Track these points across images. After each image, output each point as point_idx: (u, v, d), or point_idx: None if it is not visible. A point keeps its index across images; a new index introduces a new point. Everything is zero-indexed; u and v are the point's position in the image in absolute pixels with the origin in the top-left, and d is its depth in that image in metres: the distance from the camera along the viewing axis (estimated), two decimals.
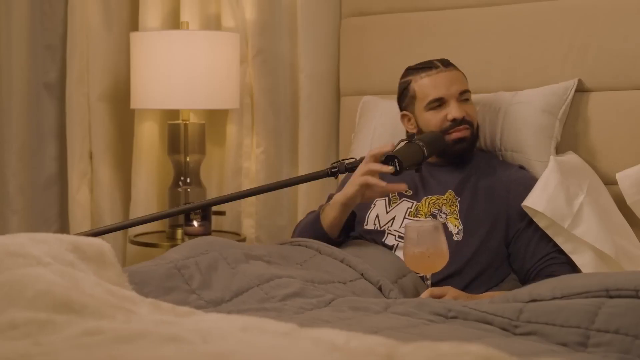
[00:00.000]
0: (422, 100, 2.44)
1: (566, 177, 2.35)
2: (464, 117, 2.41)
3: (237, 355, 1.20)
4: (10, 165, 3.30)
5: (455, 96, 2.42)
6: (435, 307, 1.85)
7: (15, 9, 3.27)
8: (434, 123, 2.42)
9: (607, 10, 2.55)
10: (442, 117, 2.42)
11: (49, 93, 3.37)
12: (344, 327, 1.55)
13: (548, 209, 2.29)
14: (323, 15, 3.14)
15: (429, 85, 2.43)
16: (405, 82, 2.49)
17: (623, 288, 1.69)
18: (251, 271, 2.07)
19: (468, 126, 2.42)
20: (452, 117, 2.40)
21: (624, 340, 1.61)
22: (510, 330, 1.73)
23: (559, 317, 1.69)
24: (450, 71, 2.45)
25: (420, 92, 2.45)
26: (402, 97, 2.51)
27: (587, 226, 2.29)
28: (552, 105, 2.54)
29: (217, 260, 2.10)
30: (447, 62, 2.48)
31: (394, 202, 2.45)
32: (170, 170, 3.19)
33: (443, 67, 2.45)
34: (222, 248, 2.16)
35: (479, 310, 1.78)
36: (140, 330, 1.34)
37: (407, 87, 2.48)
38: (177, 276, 2.03)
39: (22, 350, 1.26)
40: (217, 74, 3.03)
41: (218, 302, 1.99)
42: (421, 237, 2.07)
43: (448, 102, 2.42)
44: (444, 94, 2.42)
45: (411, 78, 2.47)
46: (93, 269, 1.72)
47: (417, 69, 2.47)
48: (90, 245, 1.78)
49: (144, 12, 3.22)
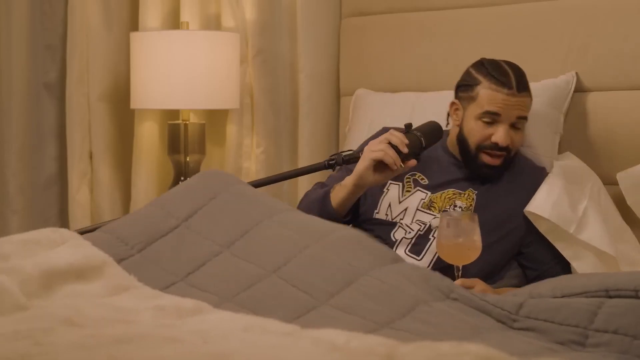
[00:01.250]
0: (479, 107, 2.33)
1: (570, 182, 2.35)
2: (507, 146, 2.33)
3: (238, 356, 1.20)
4: (10, 165, 3.29)
5: (510, 121, 2.33)
6: (441, 284, 1.83)
7: (15, 9, 3.27)
8: (476, 134, 2.34)
9: (607, 10, 2.55)
10: (487, 135, 2.33)
11: (49, 93, 3.37)
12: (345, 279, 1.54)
13: (553, 214, 2.28)
14: (323, 15, 3.14)
15: (493, 101, 2.32)
16: (474, 80, 2.36)
17: (623, 288, 1.69)
18: (258, 207, 2.07)
19: (505, 153, 2.34)
20: (495, 141, 2.32)
21: (623, 340, 1.62)
22: (507, 324, 1.72)
23: (558, 315, 1.69)
24: (520, 98, 2.33)
25: (481, 99, 2.33)
26: (463, 87, 2.40)
27: (592, 230, 2.29)
28: (556, 99, 2.54)
29: (227, 200, 2.11)
30: (524, 85, 2.34)
31: (407, 190, 2.40)
32: (170, 170, 3.19)
33: (517, 92, 2.32)
34: (228, 187, 2.16)
35: (481, 299, 1.77)
36: (140, 332, 1.34)
37: (474, 86, 2.36)
38: (188, 234, 2.05)
39: (22, 350, 1.26)
40: (217, 74, 3.03)
41: (230, 242, 1.99)
42: (456, 227, 2.07)
43: (500, 124, 2.32)
44: (502, 114, 2.32)
45: (482, 80, 2.35)
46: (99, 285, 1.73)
47: (492, 77, 2.33)
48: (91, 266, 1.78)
49: (144, 12, 3.22)
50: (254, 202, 2.11)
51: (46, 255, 1.79)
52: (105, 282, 1.75)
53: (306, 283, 1.83)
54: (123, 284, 1.76)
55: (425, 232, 2.33)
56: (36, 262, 1.74)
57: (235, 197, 2.13)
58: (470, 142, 2.36)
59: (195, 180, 2.26)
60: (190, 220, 2.09)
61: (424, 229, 2.33)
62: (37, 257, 1.79)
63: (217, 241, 2.01)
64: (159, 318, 1.52)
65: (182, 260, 1.99)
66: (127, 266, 1.90)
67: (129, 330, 1.39)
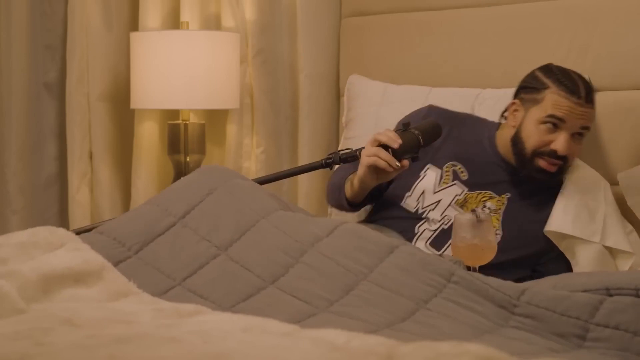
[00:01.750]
0: (543, 110, 2.29)
1: (583, 193, 2.35)
2: (566, 156, 2.30)
3: (237, 356, 1.20)
4: (10, 165, 3.29)
5: (573, 130, 2.30)
6: (440, 268, 1.83)
7: (15, 9, 3.27)
8: (535, 137, 2.30)
9: (607, 10, 2.55)
10: (546, 140, 2.29)
11: (49, 93, 3.37)
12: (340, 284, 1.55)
13: (576, 229, 2.28)
14: (323, 15, 3.14)
15: (560, 108, 2.28)
16: (542, 84, 2.32)
17: (624, 287, 1.70)
18: (257, 204, 2.08)
19: (562, 162, 2.31)
20: (555, 148, 2.29)
21: (623, 336, 1.62)
22: (508, 309, 1.72)
23: (560, 305, 1.69)
24: (585, 107, 2.29)
25: (547, 104, 2.29)
26: (527, 89, 2.35)
27: (616, 235, 2.30)
28: None
29: (223, 196, 2.11)
30: (591, 96, 2.31)
31: (444, 181, 2.37)
32: (170, 170, 3.19)
33: (585, 102, 2.29)
34: (226, 181, 2.16)
35: (483, 282, 1.77)
36: (140, 332, 1.35)
37: (540, 90, 2.31)
38: (185, 232, 2.04)
39: (22, 350, 1.26)
40: (217, 74, 3.03)
41: (228, 243, 1.99)
42: (471, 228, 2.07)
43: (562, 132, 2.29)
44: (565, 121, 2.28)
45: (550, 84, 2.30)
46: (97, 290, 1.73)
47: (562, 84, 2.29)
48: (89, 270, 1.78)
49: (144, 12, 3.22)
50: (250, 199, 2.10)
51: (44, 259, 1.79)
52: (104, 287, 1.75)
53: (305, 292, 1.82)
54: (122, 290, 1.75)
55: (449, 227, 2.29)
56: (34, 266, 1.74)
57: (231, 193, 2.12)
58: (527, 146, 2.32)
59: (192, 176, 2.26)
60: (187, 218, 2.08)
61: (448, 224, 2.31)
62: (35, 260, 1.79)
63: (213, 242, 2.00)
64: (158, 318, 1.52)
65: (179, 262, 1.98)
66: (124, 270, 1.89)
67: (129, 330, 1.39)
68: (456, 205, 2.34)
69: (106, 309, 1.60)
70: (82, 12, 3.23)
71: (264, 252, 1.95)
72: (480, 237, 2.07)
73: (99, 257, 1.84)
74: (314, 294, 1.81)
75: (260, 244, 1.97)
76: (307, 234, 1.96)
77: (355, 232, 1.96)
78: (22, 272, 1.70)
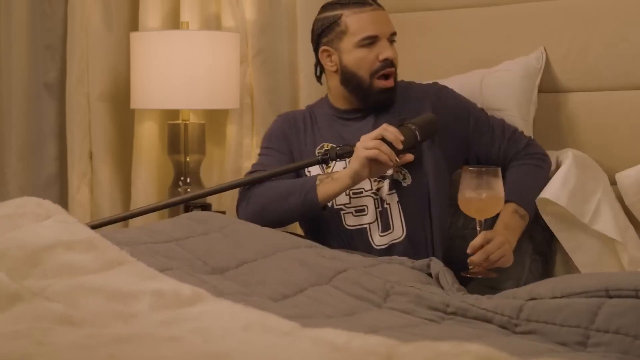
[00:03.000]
0: (355, 35, 2.36)
1: (584, 172, 2.36)
2: (393, 59, 2.37)
3: (237, 355, 1.20)
4: (10, 165, 3.29)
5: (387, 36, 2.37)
6: (434, 301, 1.84)
7: (15, 9, 3.27)
8: (365, 62, 2.36)
9: (607, 10, 2.55)
10: (374, 57, 2.35)
11: (49, 93, 3.37)
12: (344, 324, 1.56)
13: (570, 204, 2.29)
14: None
15: (365, 22, 2.35)
16: (334, 16, 2.38)
17: (623, 288, 1.69)
18: (255, 245, 2.07)
19: (394, 69, 2.38)
20: (384, 57, 2.35)
21: (624, 340, 1.62)
22: (509, 329, 1.73)
23: (559, 316, 1.69)
24: (381, 10, 2.39)
25: (353, 27, 2.36)
26: (325, 31, 2.40)
27: (606, 221, 2.30)
28: (530, 73, 2.58)
29: (218, 238, 2.11)
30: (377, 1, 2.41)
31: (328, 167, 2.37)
32: (170, 170, 3.19)
33: (375, 4, 2.39)
34: (222, 228, 2.16)
35: (479, 307, 1.78)
36: (140, 331, 1.34)
37: (337, 22, 2.37)
38: (179, 250, 2.04)
39: (22, 350, 1.26)
40: (217, 74, 3.03)
41: (224, 269, 1.98)
42: (478, 181, 2.08)
43: (380, 42, 2.36)
44: (379, 32, 2.36)
45: (341, 12, 2.37)
46: (91, 257, 1.71)
47: (348, 4, 2.37)
48: (80, 239, 1.76)
49: (144, 12, 3.22)
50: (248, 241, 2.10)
51: (32, 231, 1.77)
52: (97, 255, 1.71)
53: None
54: (116, 258, 1.72)
55: (382, 205, 2.31)
56: (22, 240, 1.72)
57: (227, 236, 2.13)
58: (361, 74, 2.37)
59: (184, 219, 2.25)
60: (181, 242, 2.08)
61: (379, 203, 2.31)
62: (22, 230, 1.77)
63: (209, 264, 2.00)
64: (158, 307, 1.51)
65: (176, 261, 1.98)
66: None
67: (129, 329, 1.39)
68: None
69: (102, 292, 1.57)
70: (82, 12, 3.23)
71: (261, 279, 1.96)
72: (490, 190, 2.08)
73: (87, 229, 1.83)
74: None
75: (256, 274, 1.97)
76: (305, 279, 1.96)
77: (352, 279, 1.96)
78: (10, 253, 1.69)
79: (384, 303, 1.89)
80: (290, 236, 2.22)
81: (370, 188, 2.33)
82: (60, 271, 1.65)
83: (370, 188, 2.33)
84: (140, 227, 2.20)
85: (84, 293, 1.57)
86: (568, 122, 2.58)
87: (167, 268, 1.90)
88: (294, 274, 1.97)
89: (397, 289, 1.91)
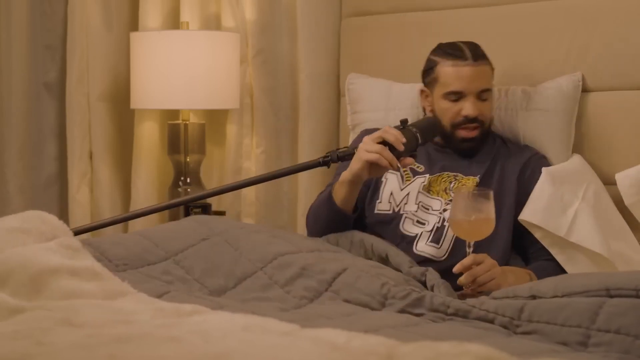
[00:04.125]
0: (443, 87, 2.40)
1: (559, 186, 2.35)
2: (477, 117, 2.38)
3: (237, 355, 1.20)
4: (10, 165, 3.29)
5: (474, 93, 2.39)
6: (434, 303, 1.84)
7: (15, 9, 3.27)
8: (448, 113, 2.40)
9: (607, 10, 2.55)
10: (457, 111, 2.39)
11: (49, 93, 3.37)
12: (344, 326, 1.56)
13: (544, 220, 2.30)
14: (323, 15, 3.14)
15: (452, 76, 2.39)
16: (432, 62, 2.45)
17: (624, 287, 1.69)
18: (255, 253, 2.07)
19: (479, 125, 2.40)
20: (465, 114, 2.38)
21: (625, 340, 1.62)
22: (511, 329, 1.73)
23: (560, 316, 1.69)
24: (477, 66, 2.40)
25: (443, 79, 2.40)
26: (426, 73, 2.47)
27: (583, 232, 2.29)
28: (568, 108, 2.52)
29: (219, 244, 2.10)
30: (477, 53, 2.41)
31: (407, 179, 2.43)
32: (170, 170, 3.19)
33: (472, 60, 2.39)
34: (223, 231, 2.16)
35: (480, 309, 1.78)
36: (141, 332, 1.34)
37: (433, 68, 2.44)
38: (177, 269, 2.03)
39: (22, 350, 1.26)
40: (217, 74, 3.03)
41: (222, 290, 1.99)
42: (471, 203, 2.08)
43: (466, 97, 2.39)
44: (465, 89, 2.38)
45: (438, 60, 2.42)
46: (94, 286, 1.72)
47: (447, 53, 2.42)
48: (84, 266, 1.77)
49: (144, 12, 3.22)
50: (247, 249, 2.10)
51: (37, 253, 1.78)
52: (101, 284, 1.74)
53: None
54: (119, 289, 1.74)
55: (442, 223, 2.34)
56: (26, 262, 1.72)
57: (227, 242, 2.12)
58: (444, 123, 2.41)
59: (186, 222, 2.25)
60: (179, 256, 2.08)
61: (440, 221, 2.34)
62: (26, 251, 1.77)
63: (207, 286, 2.00)
64: (158, 317, 1.52)
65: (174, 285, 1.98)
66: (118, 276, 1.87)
67: (129, 329, 1.39)
68: (423, 191, 2.38)
69: (105, 308, 1.59)
70: (82, 12, 3.23)
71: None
72: (480, 212, 2.08)
73: (90, 257, 1.84)
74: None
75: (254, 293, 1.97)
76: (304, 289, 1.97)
77: (351, 283, 1.96)
78: (15, 275, 1.69)
79: (383, 308, 1.90)
80: (291, 239, 2.23)
81: (439, 208, 2.36)
82: (64, 296, 1.67)
83: (438, 208, 2.36)
84: (141, 235, 2.19)
85: (86, 306, 1.58)
86: None
87: (165, 292, 1.92)
88: (292, 288, 1.97)
89: (394, 292, 1.91)
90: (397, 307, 1.87)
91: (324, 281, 1.97)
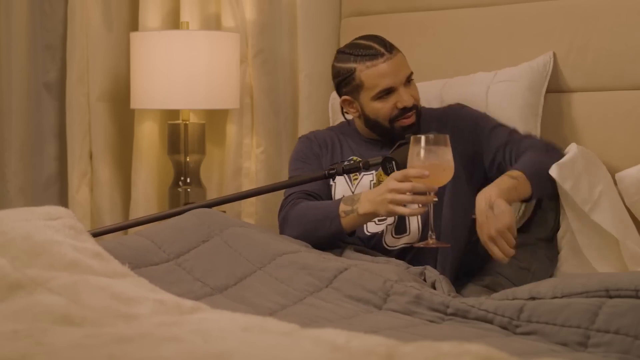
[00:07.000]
0: (370, 90, 2.36)
1: (589, 165, 2.35)
2: (413, 104, 2.37)
3: (237, 355, 1.20)
4: (10, 165, 3.30)
5: (403, 82, 2.36)
6: (434, 302, 1.84)
7: (15, 9, 3.27)
8: (382, 112, 2.37)
9: (607, 10, 2.55)
10: (391, 106, 2.36)
11: (49, 93, 3.37)
12: (344, 327, 1.56)
13: (573, 189, 2.28)
14: (323, 15, 3.14)
15: (378, 76, 2.34)
16: (348, 70, 2.38)
17: (623, 288, 1.69)
18: (254, 253, 2.07)
19: (415, 111, 2.38)
20: (402, 106, 2.35)
21: (624, 340, 1.62)
22: (510, 330, 1.73)
23: (560, 316, 1.69)
24: (394, 56, 2.37)
25: (367, 82, 2.35)
26: (344, 83, 2.42)
27: (605, 214, 2.29)
28: (535, 82, 2.56)
29: (219, 245, 2.11)
30: (387, 44, 2.38)
31: (354, 178, 2.41)
32: (170, 170, 3.19)
33: (388, 52, 2.36)
34: (222, 230, 2.16)
35: (479, 309, 1.78)
36: (141, 332, 1.34)
37: (352, 76, 2.38)
38: (178, 271, 2.04)
39: (22, 350, 1.26)
40: (217, 74, 3.03)
41: (223, 287, 2.00)
42: (429, 149, 2.06)
43: (396, 90, 2.36)
44: (393, 83, 2.35)
45: (354, 66, 2.36)
46: (96, 263, 1.72)
47: (361, 56, 2.36)
48: (86, 248, 1.78)
49: (144, 12, 3.22)
50: (246, 249, 2.10)
51: (40, 226, 1.78)
52: (103, 264, 1.74)
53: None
54: (120, 271, 1.75)
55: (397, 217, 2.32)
56: (28, 233, 1.73)
57: (227, 242, 2.13)
58: (382, 121, 2.39)
59: (187, 219, 2.26)
60: (181, 259, 2.09)
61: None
62: (29, 224, 1.78)
63: (208, 284, 2.01)
64: (159, 312, 1.52)
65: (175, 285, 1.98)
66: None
67: (129, 329, 1.39)
68: (375, 187, 2.34)
69: (106, 291, 1.58)
70: (82, 12, 3.23)
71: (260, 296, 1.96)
72: (438, 157, 2.06)
73: (93, 240, 1.84)
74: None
75: (255, 289, 1.98)
76: (305, 284, 1.97)
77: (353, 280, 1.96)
78: (16, 242, 1.70)
79: (384, 304, 1.90)
80: (290, 238, 2.23)
81: None
82: (67, 266, 1.67)
83: None
84: (143, 236, 2.19)
85: (88, 289, 1.58)
86: (568, 122, 2.58)
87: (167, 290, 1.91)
88: (293, 281, 1.98)
89: (396, 289, 1.91)
90: (397, 304, 1.87)
91: (325, 278, 1.98)
